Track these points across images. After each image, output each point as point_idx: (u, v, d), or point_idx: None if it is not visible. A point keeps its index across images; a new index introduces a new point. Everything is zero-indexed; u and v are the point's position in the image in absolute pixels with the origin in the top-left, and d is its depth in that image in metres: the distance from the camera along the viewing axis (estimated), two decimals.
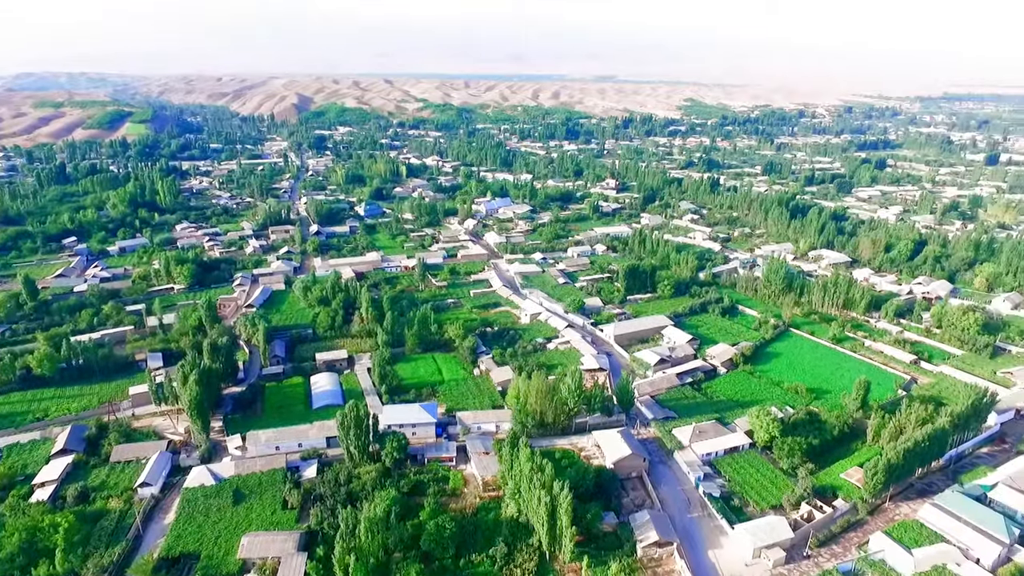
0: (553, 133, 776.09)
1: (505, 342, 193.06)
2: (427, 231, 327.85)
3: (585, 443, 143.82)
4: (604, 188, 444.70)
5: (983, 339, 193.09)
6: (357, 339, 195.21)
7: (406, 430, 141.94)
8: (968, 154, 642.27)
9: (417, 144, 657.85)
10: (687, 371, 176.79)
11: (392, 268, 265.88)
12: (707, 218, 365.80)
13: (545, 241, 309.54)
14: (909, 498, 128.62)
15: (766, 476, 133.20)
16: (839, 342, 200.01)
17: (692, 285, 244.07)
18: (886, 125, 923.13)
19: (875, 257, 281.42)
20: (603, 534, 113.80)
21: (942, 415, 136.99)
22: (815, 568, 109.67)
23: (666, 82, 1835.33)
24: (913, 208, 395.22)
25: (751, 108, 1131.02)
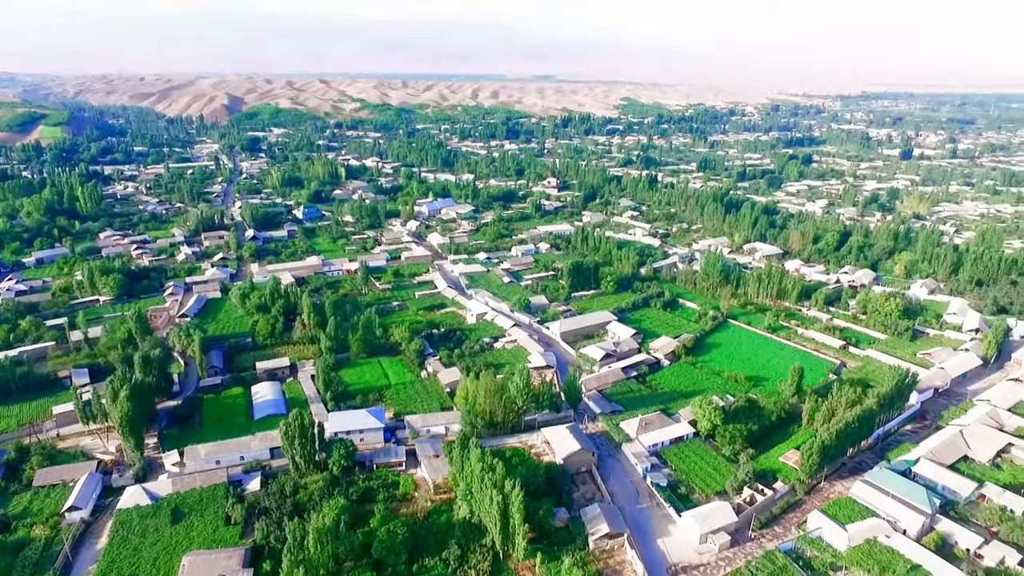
0: (494, 132, 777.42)
1: (452, 343, 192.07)
2: (369, 233, 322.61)
3: (535, 440, 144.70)
4: (546, 187, 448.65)
5: (904, 323, 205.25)
6: (299, 346, 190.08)
7: (353, 437, 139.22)
8: (885, 149, 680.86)
9: (356, 145, 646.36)
10: (632, 365, 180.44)
11: (334, 272, 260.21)
12: (646, 215, 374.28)
13: (489, 241, 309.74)
14: (842, 477, 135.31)
15: (710, 463, 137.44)
16: (774, 331, 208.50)
17: (634, 280, 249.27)
18: (811, 123, 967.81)
19: (804, 249, 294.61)
20: (555, 530, 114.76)
21: (869, 397, 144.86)
22: (759, 549, 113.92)
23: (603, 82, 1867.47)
24: (837, 201, 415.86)
25: (685, 107, 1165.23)
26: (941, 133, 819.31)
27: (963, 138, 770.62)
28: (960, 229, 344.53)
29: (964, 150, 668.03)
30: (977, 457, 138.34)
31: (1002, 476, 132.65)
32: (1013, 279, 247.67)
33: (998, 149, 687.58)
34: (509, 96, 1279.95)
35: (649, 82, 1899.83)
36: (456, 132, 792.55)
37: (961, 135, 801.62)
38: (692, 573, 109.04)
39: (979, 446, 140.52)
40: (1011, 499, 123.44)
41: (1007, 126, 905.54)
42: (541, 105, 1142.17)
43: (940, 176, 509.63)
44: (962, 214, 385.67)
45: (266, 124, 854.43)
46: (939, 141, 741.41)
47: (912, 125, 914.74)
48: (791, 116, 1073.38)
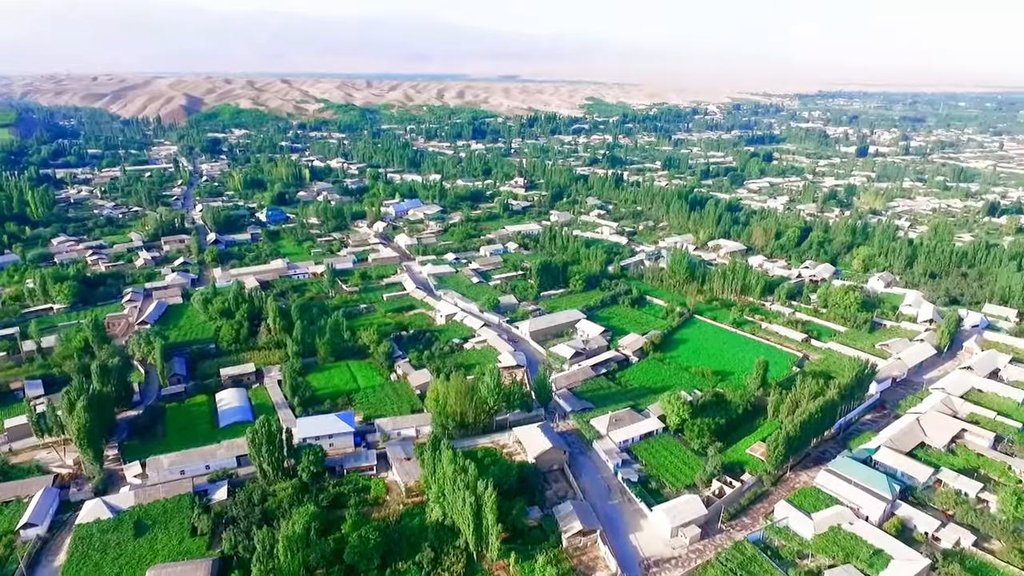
0: (460, 132, 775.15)
1: (421, 345, 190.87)
2: (335, 235, 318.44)
3: (506, 440, 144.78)
4: (513, 187, 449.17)
5: (862, 316, 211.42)
6: (265, 351, 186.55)
7: (322, 442, 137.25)
8: (842, 147, 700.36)
9: (320, 146, 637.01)
10: (601, 362, 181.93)
11: (299, 275, 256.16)
12: (613, 213, 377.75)
13: (457, 241, 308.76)
14: (807, 467, 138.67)
15: (679, 457, 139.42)
16: (739, 325, 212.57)
17: (602, 278, 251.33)
18: (771, 121, 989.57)
19: (767, 244, 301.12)
20: (529, 529, 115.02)
21: (831, 388, 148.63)
22: (728, 540, 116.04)
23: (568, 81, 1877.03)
24: (798, 197, 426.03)
25: (649, 106, 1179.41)
26: (894, 131, 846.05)
27: (915, 136, 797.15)
28: (914, 224, 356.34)
29: (916, 147, 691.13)
30: (933, 443, 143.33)
31: (956, 461, 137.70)
32: (963, 271, 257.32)
33: (947, 146, 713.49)
34: (475, 96, 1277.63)
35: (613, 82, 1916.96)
36: (422, 132, 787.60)
37: (913, 133, 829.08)
38: (664, 566, 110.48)
39: (935, 433, 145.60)
40: (965, 483, 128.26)
41: (955, 124, 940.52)
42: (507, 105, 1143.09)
43: (894, 173, 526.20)
44: (916, 209, 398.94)
45: (227, 125, 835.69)
46: (893, 139, 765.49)
47: (867, 123, 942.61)
48: (752, 115, 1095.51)
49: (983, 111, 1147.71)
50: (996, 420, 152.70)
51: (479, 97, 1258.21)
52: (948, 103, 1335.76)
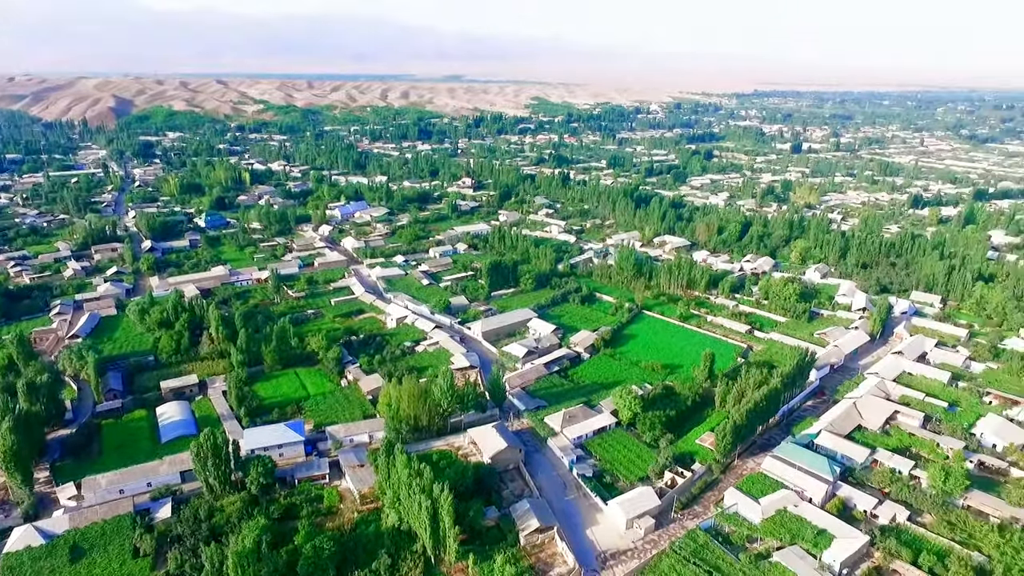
0: (405, 133, 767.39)
1: (372, 349, 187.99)
2: (279, 240, 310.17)
3: (461, 442, 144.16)
4: (461, 187, 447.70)
5: (801, 306, 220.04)
6: (208, 361, 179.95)
7: (272, 452, 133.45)
8: (777, 144, 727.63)
9: (260, 148, 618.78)
10: (554, 360, 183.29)
11: (242, 282, 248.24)
12: (561, 212, 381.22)
13: (405, 243, 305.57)
14: (754, 454, 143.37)
15: (632, 451, 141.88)
16: (686, 319, 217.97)
17: (552, 277, 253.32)
18: (710, 120, 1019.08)
19: (710, 239, 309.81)
20: (486, 529, 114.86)
21: (774, 377, 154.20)
22: (681, 529, 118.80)
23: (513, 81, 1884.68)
24: (738, 193, 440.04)
25: (593, 105, 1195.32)
26: (825, 128, 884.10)
27: (844, 133, 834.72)
28: (846, 216, 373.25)
29: (846, 143, 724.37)
30: (869, 426, 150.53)
31: (891, 441, 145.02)
32: (892, 261, 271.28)
33: (874, 142, 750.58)
34: (420, 96, 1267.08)
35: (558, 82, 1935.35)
36: (367, 134, 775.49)
37: (843, 130, 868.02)
38: (620, 558, 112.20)
39: (870, 416, 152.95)
40: (899, 461, 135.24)
41: (880, 121, 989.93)
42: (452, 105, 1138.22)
43: (826, 168, 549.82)
44: (847, 203, 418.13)
45: (160, 128, 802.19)
46: (824, 136, 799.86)
47: (800, 121, 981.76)
48: (692, 113, 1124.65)
49: (905, 109, 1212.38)
50: (925, 401, 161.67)
51: (424, 98, 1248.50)
52: (873, 101, 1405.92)
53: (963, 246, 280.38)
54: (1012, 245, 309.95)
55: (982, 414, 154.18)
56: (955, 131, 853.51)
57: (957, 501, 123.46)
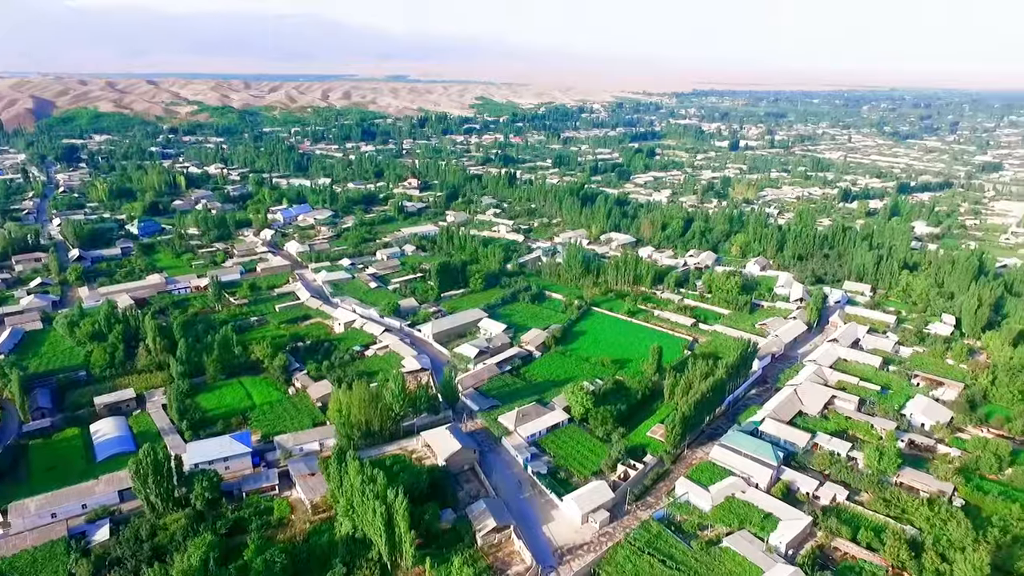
0: (349, 134, 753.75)
1: (320, 355, 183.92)
2: (218, 246, 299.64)
3: (415, 445, 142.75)
4: (407, 188, 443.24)
5: (743, 298, 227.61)
6: (146, 374, 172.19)
7: (217, 466, 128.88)
8: (716, 141, 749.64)
9: (196, 151, 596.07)
10: (505, 359, 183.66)
11: (180, 290, 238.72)
12: (508, 211, 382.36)
13: (352, 246, 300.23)
14: (702, 443, 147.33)
15: (585, 446, 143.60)
16: (634, 315, 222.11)
17: (501, 276, 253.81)
18: (652, 118, 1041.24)
19: (655, 236, 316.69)
20: (443, 532, 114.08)
21: (719, 368, 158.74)
22: (635, 521, 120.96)
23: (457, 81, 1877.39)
24: (679, 190, 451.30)
25: (537, 105, 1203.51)
26: (761, 126, 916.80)
27: (778, 130, 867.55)
28: (782, 211, 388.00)
29: (780, 140, 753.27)
30: (809, 411, 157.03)
31: (829, 425, 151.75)
32: (825, 253, 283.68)
33: (806, 139, 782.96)
34: (362, 97, 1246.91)
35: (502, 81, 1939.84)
36: (308, 135, 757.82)
37: (776, 128, 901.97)
38: (577, 553, 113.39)
39: (810, 401, 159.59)
40: (837, 444, 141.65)
41: (811, 119, 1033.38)
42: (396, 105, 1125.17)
43: (763, 164, 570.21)
44: (782, 198, 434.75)
45: (85, 130, 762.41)
46: (759, 133, 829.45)
47: (737, 119, 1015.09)
48: (634, 112, 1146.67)
49: (833, 107, 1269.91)
50: (859, 385, 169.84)
51: (366, 98, 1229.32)
52: (804, 100, 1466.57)
53: (889, 237, 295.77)
54: (932, 235, 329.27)
55: (911, 396, 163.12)
56: (879, 128, 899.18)
57: (891, 479, 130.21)
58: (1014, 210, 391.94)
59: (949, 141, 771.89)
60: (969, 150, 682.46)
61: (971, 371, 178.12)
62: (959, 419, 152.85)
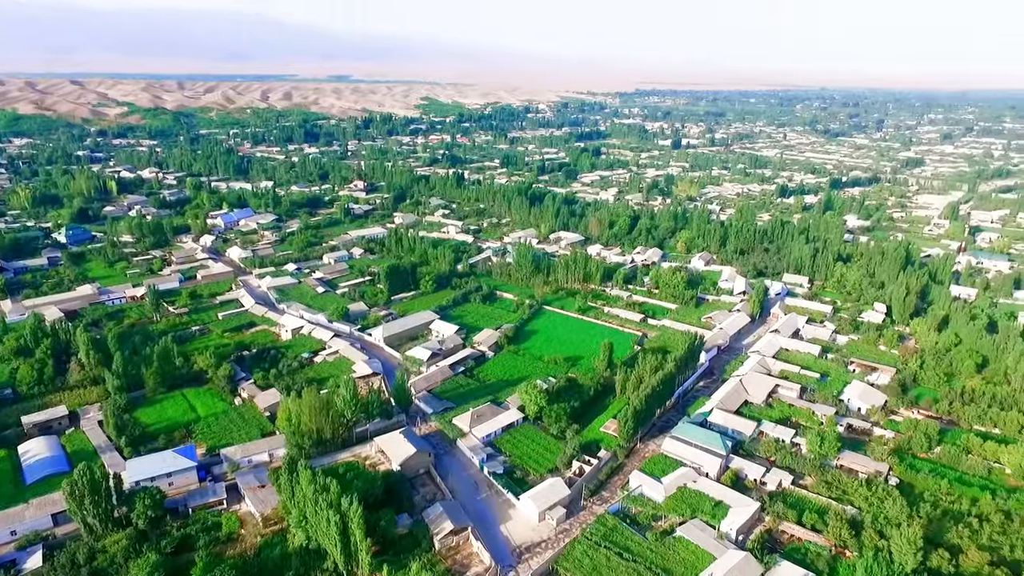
0: (291, 136, 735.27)
1: (267, 363, 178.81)
2: (155, 253, 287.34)
3: (369, 451, 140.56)
4: (353, 190, 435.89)
5: (689, 293, 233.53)
6: (79, 390, 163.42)
7: (160, 482, 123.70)
8: (659, 140, 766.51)
9: (127, 155, 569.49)
10: (458, 360, 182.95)
11: (114, 300, 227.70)
12: (457, 212, 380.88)
13: (297, 250, 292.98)
14: (654, 436, 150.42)
15: (541, 444, 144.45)
16: (584, 312, 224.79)
17: (452, 277, 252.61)
18: (596, 118, 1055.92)
19: (602, 234, 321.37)
20: (399, 537, 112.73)
21: (668, 362, 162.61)
22: (591, 516, 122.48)
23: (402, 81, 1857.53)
24: (625, 188, 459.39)
25: (483, 105, 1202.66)
26: (701, 125, 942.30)
27: (718, 129, 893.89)
28: (724, 207, 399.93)
29: (720, 139, 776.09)
30: (754, 400, 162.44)
31: (773, 413, 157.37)
32: (765, 247, 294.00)
33: (744, 137, 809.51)
34: (304, 97, 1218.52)
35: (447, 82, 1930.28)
36: (248, 137, 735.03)
37: (716, 126, 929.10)
38: (535, 551, 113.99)
39: (755, 391, 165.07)
40: (781, 431, 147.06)
41: (749, 118, 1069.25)
42: (339, 106, 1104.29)
43: (704, 162, 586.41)
44: (723, 194, 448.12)
45: (3, 134, 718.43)
46: (700, 132, 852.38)
47: (678, 118, 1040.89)
48: (579, 112, 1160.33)
49: (769, 106, 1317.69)
50: (800, 374, 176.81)
51: (308, 98, 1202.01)
52: (742, 99, 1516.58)
53: (824, 231, 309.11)
54: (863, 228, 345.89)
55: (848, 381, 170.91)
56: (812, 126, 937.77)
57: (832, 462, 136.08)
58: (935, 203, 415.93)
59: (876, 138, 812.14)
60: (894, 146, 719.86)
61: (902, 356, 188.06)
62: (892, 402, 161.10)
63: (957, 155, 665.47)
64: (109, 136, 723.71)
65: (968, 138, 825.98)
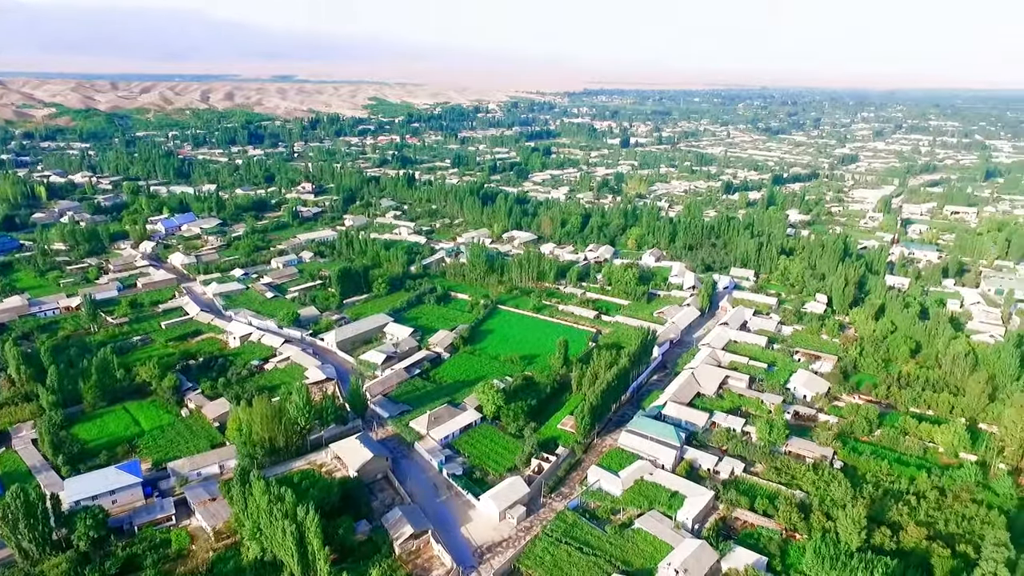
0: (234, 138, 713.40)
1: (215, 372, 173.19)
2: (90, 261, 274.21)
3: (324, 458, 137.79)
4: (300, 192, 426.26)
5: (640, 289, 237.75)
6: (10, 408, 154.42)
7: (102, 500, 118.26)
8: (608, 139, 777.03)
9: (57, 159, 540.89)
10: (414, 363, 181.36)
11: (47, 312, 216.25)
12: (409, 213, 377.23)
13: (243, 255, 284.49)
14: (611, 431, 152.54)
15: (499, 443, 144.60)
16: (539, 310, 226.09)
17: (405, 279, 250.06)
18: (546, 117, 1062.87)
19: (555, 232, 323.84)
20: (359, 544, 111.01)
21: (622, 357, 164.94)
22: (551, 512, 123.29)
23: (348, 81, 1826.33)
24: (576, 187, 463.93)
25: (433, 105, 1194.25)
26: (648, 124, 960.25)
27: (665, 128, 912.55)
28: (672, 204, 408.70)
29: (667, 137, 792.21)
30: (706, 392, 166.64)
31: (724, 404, 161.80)
32: (713, 242, 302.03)
33: (690, 136, 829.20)
34: (247, 98, 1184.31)
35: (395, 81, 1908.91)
36: (188, 139, 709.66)
37: (663, 125, 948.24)
38: (496, 550, 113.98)
39: (706, 383, 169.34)
40: (732, 421, 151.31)
41: (694, 116, 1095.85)
42: (284, 107, 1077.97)
43: (652, 160, 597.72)
44: (672, 191, 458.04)
45: None
46: (648, 130, 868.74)
47: (626, 117, 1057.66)
48: (529, 111, 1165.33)
49: (713, 105, 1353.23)
50: (749, 364, 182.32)
51: (251, 99, 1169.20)
52: (686, 99, 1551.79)
53: (768, 225, 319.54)
54: (804, 222, 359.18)
55: (794, 370, 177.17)
56: (753, 124, 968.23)
57: (780, 449, 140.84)
58: (870, 197, 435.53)
59: (813, 136, 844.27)
60: (830, 144, 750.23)
61: (842, 344, 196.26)
62: (835, 389, 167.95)
63: (888, 151, 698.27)
64: (36, 139, 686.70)
65: (898, 135, 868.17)
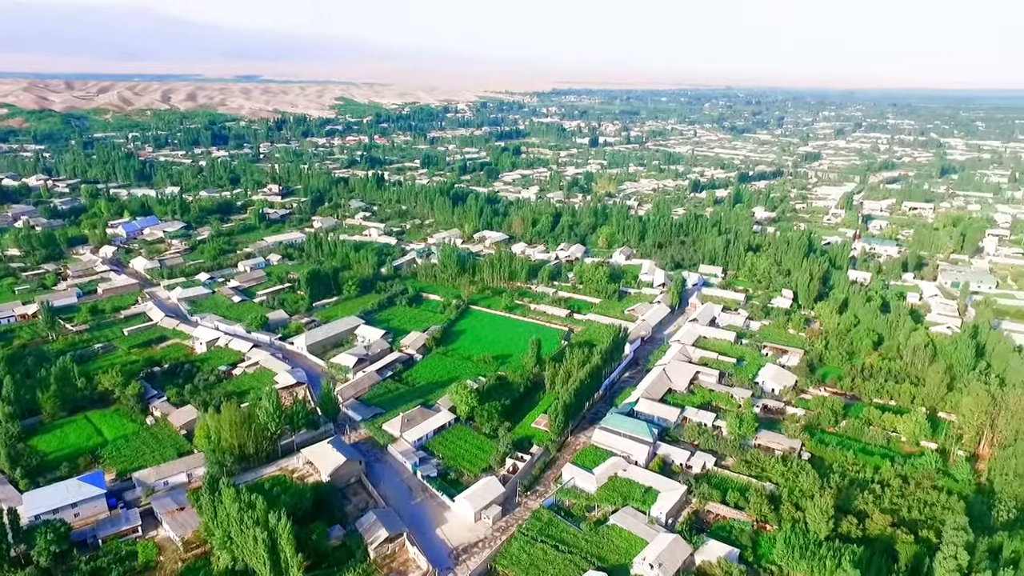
0: (197, 139, 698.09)
1: (181, 379, 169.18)
2: (47, 267, 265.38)
3: (296, 463, 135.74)
4: (267, 194, 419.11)
5: (611, 287, 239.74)
6: None
7: (64, 514, 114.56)
8: (577, 138, 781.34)
9: (9, 161, 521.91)
10: (386, 365, 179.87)
11: (2, 320, 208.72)
12: (379, 214, 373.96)
13: (209, 259, 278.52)
14: (584, 428, 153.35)
15: (474, 444, 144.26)
16: (511, 310, 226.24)
17: (376, 281, 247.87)
18: (516, 117, 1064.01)
19: (526, 232, 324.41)
20: (333, 550, 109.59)
21: (595, 355, 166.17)
22: (527, 511, 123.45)
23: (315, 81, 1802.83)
24: (546, 187, 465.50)
25: (401, 105, 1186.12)
26: (617, 123, 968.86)
27: (633, 127, 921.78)
28: (641, 203, 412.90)
29: (635, 136, 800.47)
30: (677, 388, 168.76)
31: (695, 399, 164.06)
32: (682, 239, 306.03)
33: (658, 135, 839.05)
34: (210, 98, 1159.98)
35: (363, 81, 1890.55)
36: (149, 140, 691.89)
37: (631, 125, 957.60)
38: (472, 551, 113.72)
39: (677, 379, 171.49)
40: (703, 416, 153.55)
41: (661, 116, 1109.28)
42: (249, 107, 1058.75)
43: (621, 159, 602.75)
44: (640, 190, 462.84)
45: None
46: (616, 130, 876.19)
47: (595, 116, 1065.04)
48: (498, 111, 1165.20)
49: (680, 105, 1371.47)
50: (719, 360, 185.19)
51: (215, 99, 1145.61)
52: (654, 98, 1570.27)
53: (734, 223, 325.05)
54: (770, 219, 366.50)
55: (762, 365, 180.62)
56: (719, 124, 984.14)
57: (750, 442, 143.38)
58: (832, 194, 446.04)
59: (777, 134, 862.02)
60: (794, 142, 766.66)
61: (808, 338, 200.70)
62: (802, 382, 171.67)
63: (849, 149, 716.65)
64: None
65: (858, 133, 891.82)
